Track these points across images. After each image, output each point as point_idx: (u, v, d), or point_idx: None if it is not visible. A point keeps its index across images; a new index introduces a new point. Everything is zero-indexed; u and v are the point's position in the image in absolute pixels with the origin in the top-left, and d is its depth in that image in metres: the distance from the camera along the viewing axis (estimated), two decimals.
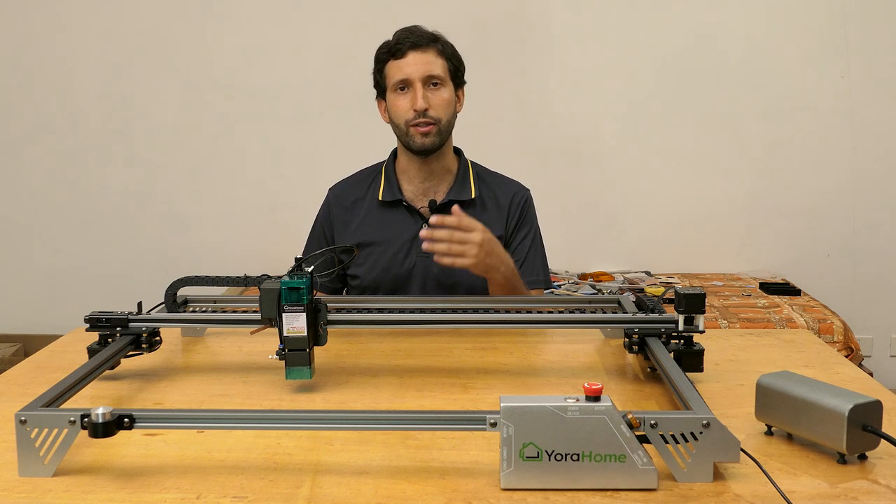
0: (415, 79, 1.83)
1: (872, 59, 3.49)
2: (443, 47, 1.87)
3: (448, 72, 1.87)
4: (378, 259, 1.91)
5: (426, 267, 1.89)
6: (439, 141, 1.86)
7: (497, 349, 1.53)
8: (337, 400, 1.27)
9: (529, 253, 1.95)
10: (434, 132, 1.84)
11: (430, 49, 1.85)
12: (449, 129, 1.88)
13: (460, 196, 1.91)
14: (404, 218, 1.92)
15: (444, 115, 1.85)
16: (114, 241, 3.73)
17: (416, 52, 1.83)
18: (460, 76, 1.92)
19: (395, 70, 1.85)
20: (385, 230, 1.92)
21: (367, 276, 1.92)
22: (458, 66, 1.90)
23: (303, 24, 3.58)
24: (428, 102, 1.83)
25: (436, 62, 1.85)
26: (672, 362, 1.23)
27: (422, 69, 1.83)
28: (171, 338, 1.54)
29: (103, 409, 0.98)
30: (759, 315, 2.93)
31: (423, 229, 1.66)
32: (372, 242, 1.92)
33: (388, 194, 1.93)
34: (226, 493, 0.95)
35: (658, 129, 3.59)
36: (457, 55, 1.90)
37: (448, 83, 1.87)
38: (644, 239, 3.66)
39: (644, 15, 3.53)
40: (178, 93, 3.64)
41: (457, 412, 1.07)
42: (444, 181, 1.94)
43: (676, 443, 0.96)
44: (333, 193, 2.01)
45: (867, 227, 3.58)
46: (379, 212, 1.94)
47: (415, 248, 1.90)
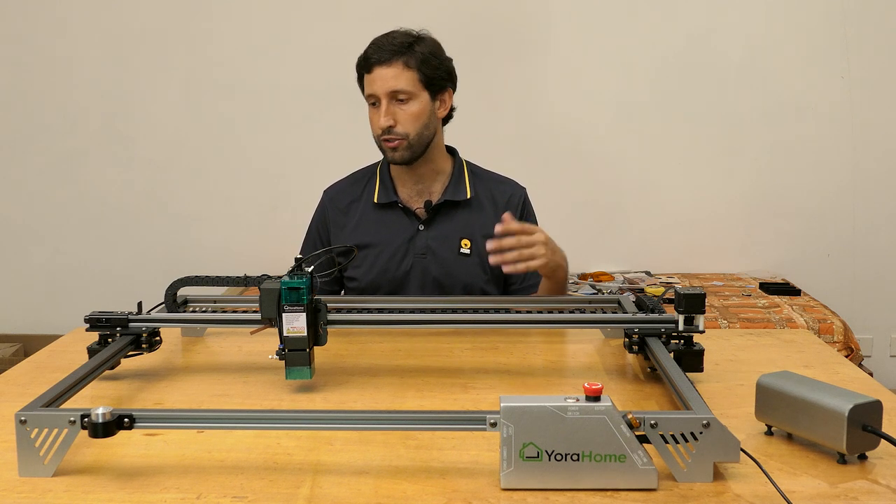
0: (380, 95, 1.81)
1: (872, 59, 3.49)
2: (410, 58, 1.81)
3: (419, 82, 1.82)
4: (375, 261, 1.90)
5: (424, 268, 1.89)
6: (410, 154, 1.84)
7: (497, 349, 1.53)
8: (337, 400, 1.27)
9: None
10: (403, 146, 1.82)
11: (396, 62, 1.80)
12: (421, 140, 1.84)
13: (455, 196, 1.91)
14: (400, 219, 1.91)
15: (413, 128, 1.82)
16: (114, 241, 3.73)
17: (380, 66, 1.80)
18: (440, 81, 1.85)
19: (367, 84, 1.85)
20: (381, 232, 1.91)
21: (364, 279, 1.91)
22: (433, 74, 1.83)
23: (303, 24, 3.57)
24: (394, 118, 1.81)
25: (401, 76, 1.80)
26: (672, 362, 1.23)
27: (386, 85, 1.80)
28: (171, 338, 1.54)
29: (103, 409, 0.98)
30: (759, 315, 2.93)
31: (490, 242, 1.61)
32: (368, 244, 1.91)
33: (384, 196, 1.92)
34: (226, 493, 0.95)
35: (658, 128, 3.59)
36: (431, 62, 1.83)
37: (418, 95, 1.82)
38: (644, 239, 3.66)
39: (644, 14, 3.53)
40: (178, 93, 3.64)
41: (457, 412, 1.07)
42: (437, 182, 1.93)
43: (676, 443, 0.96)
44: (328, 196, 2.01)
45: (867, 227, 3.58)
46: (374, 213, 1.93)
47: (412, 250, 1.89)
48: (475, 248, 1.89)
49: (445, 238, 1.90)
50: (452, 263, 1.89)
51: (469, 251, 1.89)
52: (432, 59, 1.84)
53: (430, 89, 1.85)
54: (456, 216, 1.91)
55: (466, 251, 1.89)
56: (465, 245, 1.90)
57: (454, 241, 1.90)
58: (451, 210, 1.91)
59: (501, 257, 1.60)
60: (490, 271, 1.90)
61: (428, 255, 1.89)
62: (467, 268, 1.89)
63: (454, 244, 1.90)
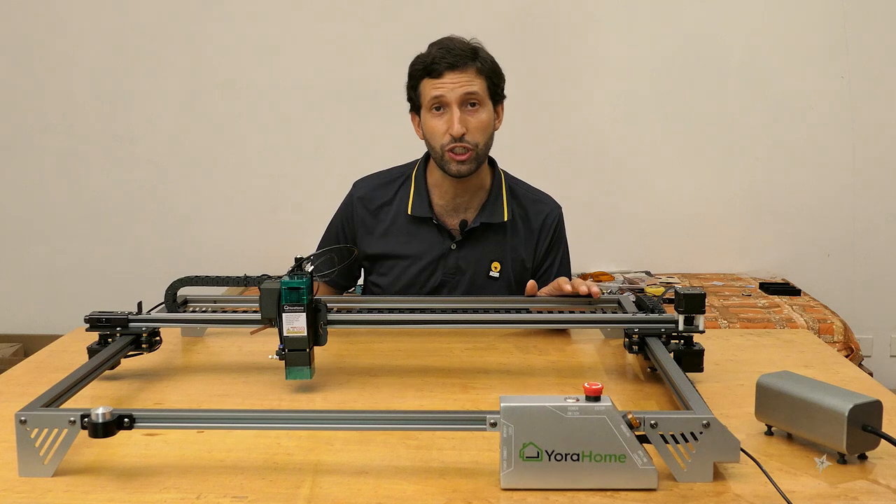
0: (451, 101, 1.72)
1: (872, 59, 3.49)
2: (482, 64, 1.74)
3: (487, 90, 1.75)
4: (402, 274, 1.86)
5: (452, 287, 1.85)
6: (476, 167, 1.77)
7: (497, 349, 1.53)
8: (337, 400, 1.27)
9: (560, 271, 1.91)
10: (471, 158, 1.74)
11: (469, 68, 1.73)
12: (486, 151, 1.79)
13: (492, 219, 1.83)
14: (433, 235, 1.85)
15: (482, 138, 1.75)
16: (114, 241, 3.73)
17: (453, 72, 1.71)
18: (500, 92, 1.81)
19: (430, 89, 1.74)
20: (412, 245, 1.85)
21: (390, 289, 1.86)
22: (497, 83, 1.78)
23: (304, 24, 3.57)
24: (465, 126, 1.72)
25: (474, 82, 1.73)
26: (672, 362, 1.23)
27: (459, 91, 1.71)
28: (171, 338, 1.54)
29: (103, 409, 0.98)
30: (759, 315, 2.93)
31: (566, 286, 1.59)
32: (397, 255, 1.86)
33: (419, 209, 1.84)
34: (226, 493, 0.95)
35: (658, 128, 3.59)
36: (497, 70, 1.79)
37: (487, 103, 1.76)
38: (644, 239, 3.66)
39: (644, 14, 3.53)
40: (178, 93, 3.64)
41: (457, 412, 1.07)
42: (476, 197, 1.85)
43: (676, 443, 0.96)
44: (358, 193, 1.91)
45: (867, 227, 3.58)
46: (406, 224, 1.86)
47: (441, 267, 1.85)
48: (504, 272, 1.86)
49: (477, 260, 1.85)
50: (480, 285, 1.85)
51: (498, 275, 1.85)
52: (497, 68, 1.80)
53: (493, 99, 1.79)
54: (489, 238, 1.85)
55: (496, 274, 1.85)
56: (494, 268, 1.85)
57: (485, 264, 1.85)
58: (485, 231, 1.85)
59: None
60: (516, 291, 1.87)
61: (458, 275, 1.85)
62: (494, 290, 1.85)
63: (484, 266, 1.85)
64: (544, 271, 1.90)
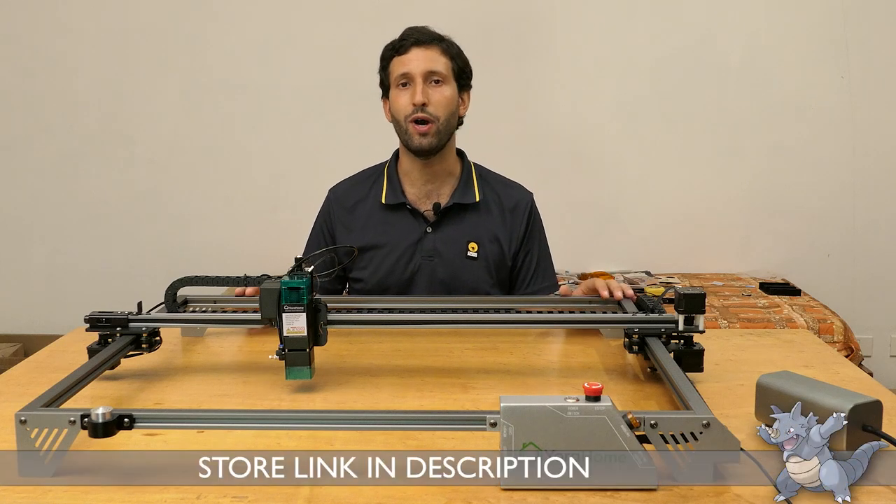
0: (416, 74, 1.81)
1: (872, 59, 3.49)
2: (447, 46, 1.86)
3: (451, 71, 1.85)
4: (381, 262, 1.89)
5: (431, 270, 1.88)
6: (437, 142, 1.83)
7: (497, 349, 1.53)
8: (337, 400, 1.27)
9: (541, 259, 1.95)
10: (432, 131, 1.82)
11: (434, 46, 1.84)
12: (448, 129, 1.86)
13: (464, 199, 1.89)
14: (407, 221, 1.90)
15: (443, 113, 1.83)
16: (114, 241, 3.73)
17: (419, 48, 1.83)
18: (465, 78, 1.90)
19: (397, 65, 1.84)
20: (388, 233, 1.90)
21: (371, 280, 1.90)
22: (462, 68, 1.88)
23: (303, 24, 3.57)
24: (427, 98, 1.81)
25: (438, 59, 1.83)
26: (672, 362, 1.23)
27: (423, 65, 1.82)
28: (171, 338, 1.54)
29: (103, 409, 0.98)
30: (759, 315, 2.93)
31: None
32: (375, 246, 1.90)
33: (391, 197, 1.90)
34: (226, 493, 0.95)
35: (658, 128, 3.59)
36: (462, 56, 1.89)
37: (450, 82, 1.85)
38: (644, 239, 3.66)
39: (643, 15, 3.53)
40: (178, 93, 3.64)
41: (457, 412, 1.07)
42: (446, 183, 1.92)
43: (676, 443, 0.96)
44: (335, 194, 1.99)
45: (867, 227, 3.58)
46: (381, 214, 1.92)
47: (419, 251, 1.88)
48: (482, 251, 1.89)
49: (453, 241, 1.89)
50: (459, 266, 1.88)
51: (476, 254, 1.89)
52: (463, 56, 1.90)
53: (458, 82, 1.88)
54: (464, 219, 1.90)
55: (473, 254, 1.89)
56: (472, 248, 1.89)
57: (461, 244, 1.89)
58: (459, 213, 1.90)
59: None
60: (496, 275, 1.90)
61: (435, 257, 1.88)
62: (474, 271, 1.88)
63: (461, 247, 1.89)
64: (523, 261, 1.93)
